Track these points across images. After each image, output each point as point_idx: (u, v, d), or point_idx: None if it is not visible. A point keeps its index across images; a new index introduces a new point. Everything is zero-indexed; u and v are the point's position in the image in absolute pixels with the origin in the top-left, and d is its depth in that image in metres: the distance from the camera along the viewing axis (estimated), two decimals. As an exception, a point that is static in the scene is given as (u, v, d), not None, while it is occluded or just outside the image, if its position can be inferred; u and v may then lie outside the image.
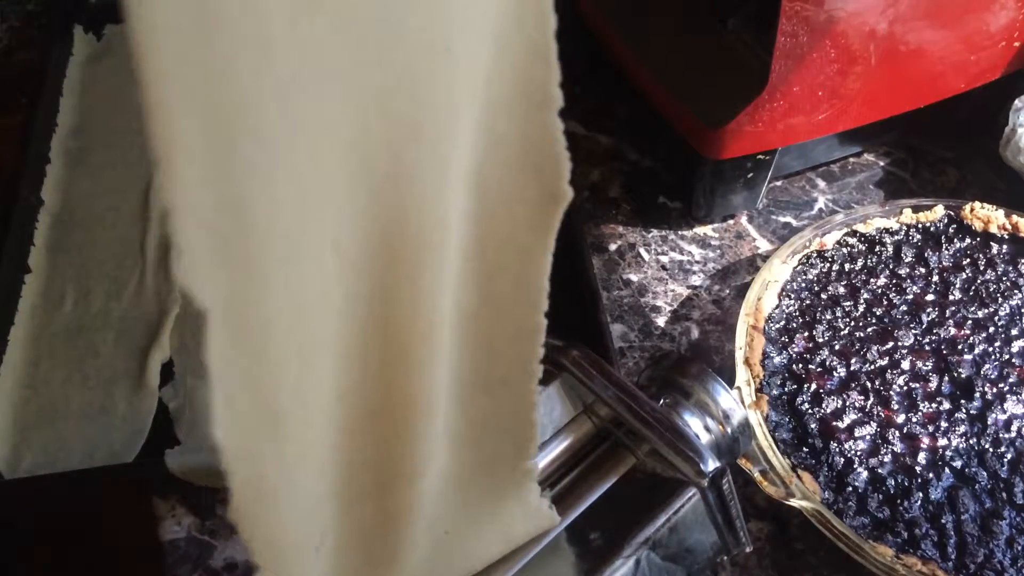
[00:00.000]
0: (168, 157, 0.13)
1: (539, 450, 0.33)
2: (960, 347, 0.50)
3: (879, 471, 0.45)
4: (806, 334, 0.51)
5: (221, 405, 0.16)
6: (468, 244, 0.20)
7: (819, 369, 0.50)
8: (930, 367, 0.50)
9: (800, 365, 0.50)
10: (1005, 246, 0.55)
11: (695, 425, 0.35)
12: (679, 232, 0.61)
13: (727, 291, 0.58)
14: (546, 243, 0.20)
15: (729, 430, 0.36)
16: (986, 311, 0.52)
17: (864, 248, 0.56)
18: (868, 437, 0.46)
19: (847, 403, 0.48)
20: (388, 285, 0.19)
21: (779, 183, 0.63)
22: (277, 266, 0.15)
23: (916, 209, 0.57)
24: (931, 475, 0.45)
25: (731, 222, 0.61)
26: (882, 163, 0.65)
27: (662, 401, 0.36)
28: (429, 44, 0.16)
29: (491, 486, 0.26)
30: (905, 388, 0.49)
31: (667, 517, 0.31)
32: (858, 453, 0.46)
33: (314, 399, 0.19)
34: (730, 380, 0.49)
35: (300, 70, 0.15)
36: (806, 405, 0.48)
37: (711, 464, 0.31)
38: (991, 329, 0.51)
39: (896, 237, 0.56)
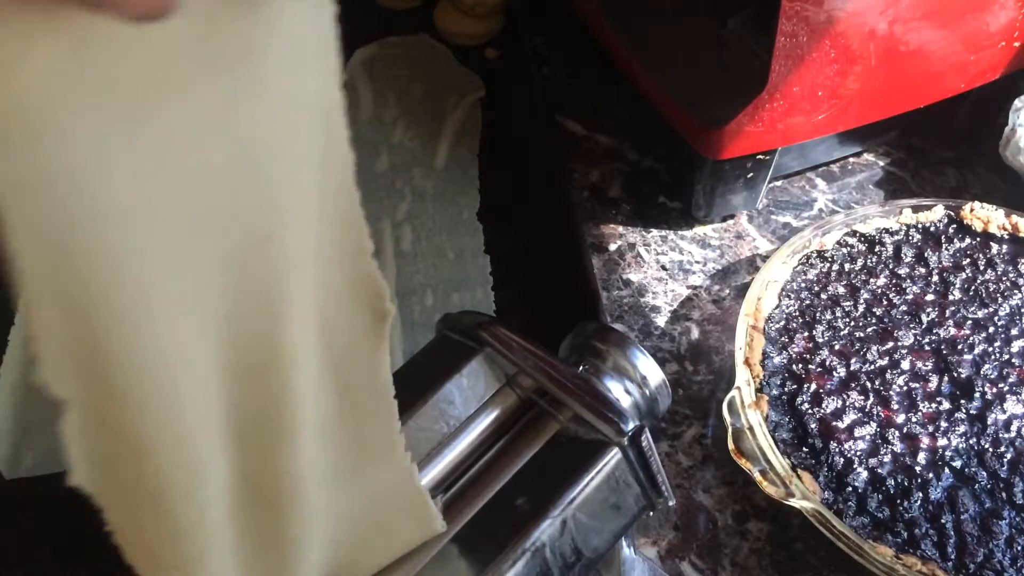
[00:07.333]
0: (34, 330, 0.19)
1: (466, 425, 0.35)
2: (960, 347, 0.50)
3: (879, 471, 0.45)
4: (806, 334, 0.51)
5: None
6: (323, 364, 0.26)
7: (819, 369, 0.50)
8: (930, 367, 0.50)
9: (800, 365, 0.50)
10: (1005, 246, 0.55)
11: (615, 389, 0.36)
12: (679, 232, 0.61)
13: (727, 291, 0.58)
14: (381, 345, 0.27)
15: (648, 392, 0.37)
16: (986, 311, 0.52)
17: (864, 248, 0.56)
18: (868, 437, 0.46)
19: (847, 403, 0.48)
20: (248, 402, 0.24)
21: (779, 183, 0.63)
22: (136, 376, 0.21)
23: (916, 209, 0.57)
24: (931, 475, 0.45)
25: (731, 222, 0.61)
26: (882, 163, 0.65)
27: (582, 368, 0.37)
28: (254, 232, 0.22)
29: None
30: (905, 388, 0.49)
31: (591, 477, 0.32)
32: (858, 453, 0.46)
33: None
34: (730, 380, 0.49)
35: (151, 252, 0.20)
36: (806, 405, 0.48)
37: (630, 423, 0.32)
38: (991, 329, 0.51)
39: (896, 237, 0.56)
